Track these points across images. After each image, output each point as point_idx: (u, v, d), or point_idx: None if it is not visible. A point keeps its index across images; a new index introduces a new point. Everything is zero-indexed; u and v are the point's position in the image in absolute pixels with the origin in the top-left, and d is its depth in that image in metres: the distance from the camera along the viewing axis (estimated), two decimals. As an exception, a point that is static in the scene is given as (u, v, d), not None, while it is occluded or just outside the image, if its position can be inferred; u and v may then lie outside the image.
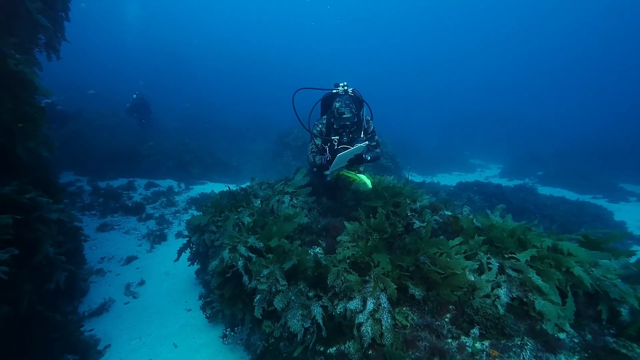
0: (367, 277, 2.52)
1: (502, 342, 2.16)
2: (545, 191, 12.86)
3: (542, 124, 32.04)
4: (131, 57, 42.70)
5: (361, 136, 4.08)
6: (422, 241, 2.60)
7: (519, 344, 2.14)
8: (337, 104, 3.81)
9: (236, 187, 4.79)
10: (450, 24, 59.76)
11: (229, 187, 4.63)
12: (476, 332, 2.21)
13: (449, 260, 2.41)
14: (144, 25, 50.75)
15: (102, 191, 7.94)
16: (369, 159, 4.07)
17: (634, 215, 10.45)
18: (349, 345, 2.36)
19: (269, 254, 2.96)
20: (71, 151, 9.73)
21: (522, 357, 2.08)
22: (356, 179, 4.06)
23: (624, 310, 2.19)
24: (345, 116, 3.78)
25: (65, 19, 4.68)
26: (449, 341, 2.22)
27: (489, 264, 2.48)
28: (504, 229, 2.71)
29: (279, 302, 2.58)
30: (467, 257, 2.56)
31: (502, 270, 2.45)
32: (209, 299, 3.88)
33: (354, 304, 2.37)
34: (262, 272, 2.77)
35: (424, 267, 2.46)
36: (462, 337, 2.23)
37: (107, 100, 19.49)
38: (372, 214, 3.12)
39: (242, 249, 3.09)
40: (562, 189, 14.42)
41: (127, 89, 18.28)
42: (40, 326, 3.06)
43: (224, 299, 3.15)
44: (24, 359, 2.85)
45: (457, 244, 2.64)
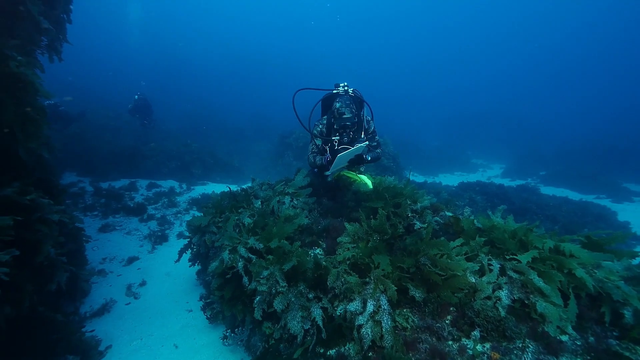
0: (367, 279, 2.50)
1: (503, 345, 2.14)
2: (548, 191, 12.78)
3: (545, 124, 31.81)
4: (133, 58, 42.97)
5: (362, 136, 4.07)
6: (422, 242, 2.59)
7: (520, 346, 2.12)
8: (338, 104, 3.81)
9: (237, 188, 4.78)
10: (452, 23, 59.65)
11: (229, 188, 4.62)
12: (477, 334, 2.19)
13: (449, 261, 2.40)
14: (146, 26, 51.03)
15: (104, 192, 7.97)
16: (370, 159, 4.05)
17: (638, 215, 10.36)
18: (349, 347, 2.34)
19: (269, 255, 2.95)
20: (74, 152, 9.79)
21: (523, 360, 2.07)
22: (357, 179, 4.06)
23: (627, 312, 2.16)
24: (345, 116, 3.78)
25: (67, 20, 4.70)
26: (450, 343, 2.20)
27: (490, 265, 2.46)
28: (506, 230, 2.69)
29: (278, 304, 2.58)
30: (468, 259, 2.55)
31: (503, 271, 2.43)
32: (210, 300, 3.88)
33: (354, 306, 2.36)
34: (262, 273, 2.77)
35: (424, 269, 2.44)
36: (463, 340, 2.21)
37: (110, 101, 19.61)
38: (372, 215, 3.11)
39: (242, 250, 3.09)
40: (565, 189, 14.31)
41: (129, 90, 18.36)
42: (41, 327, 3.07)
43: (224, 300, 3.14)
44: (25, 359, 2.86)
45: (458, 245, 2.62)
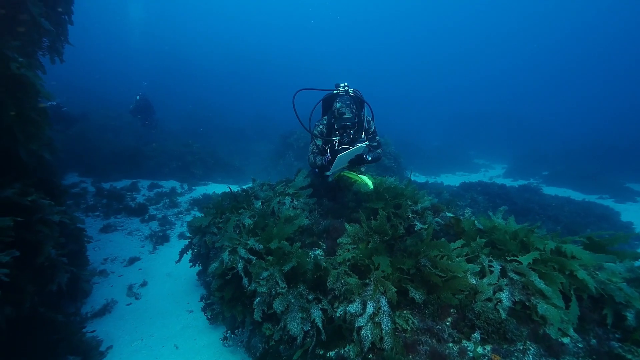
0: (367, 280, 2.49)
1: (504, 347, 2.13)
2: (550, 191, 12.70)
3: (548, 123, 31.68)
4: (134, 59, 43.13)
5: (362, 137, 4.06)
6: (423, 243, 2.57)
7: (521, 348, 2.11)
8: (338, 105, 3.80)
9: (238, 188, 4.79)
10: (453, 22, 59.48)
11: (230, 188, 4.62)
12: (477, 336, 2.18)
13: (450, 263, 2.39)
14: (147, 26, 51.25)
15: (106, 192, 7.99)
16: (370, 159, 4.04)
17: (642, 215, 10.27)
18: (349, 349, 2.33)
19: (269, 256, 2.95)
20: (76, 152, 9.83)
21: (524, 362, 2.05)
22: (357, 179, 4.05)
23: (630, 314, 2.14)
24: (345, 117, 3.77)
25: (68, 22, 4.72)
26: (450, 345, 2.19)
27: (491, 266, 2.44)
28: (507, 231, 2.67)
29: (278, 305, 2.57)
30: (468, 260, 2.53)
31: (504, 273, 2.42)
32: (210, 301, 3.88)
33: (353, 307, 2.35)
34: (261, 274, 2.76)
35: (424, 270, 2.43)
36: (463, 342, 2.20)
37: (111, 101, 19.69)
38: (373, 216, 3.10)
39: (242, 251, 3.08)
40: (568, 189, 14.23)
41: (130, 90, 18.42)
42: (42, 327, 3.08)
43: (224, 301, 3.14)
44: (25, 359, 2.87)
45: (458, 247, 2.61)
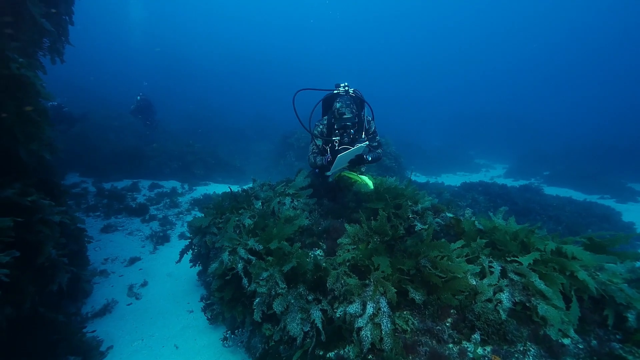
0: (367, 281, 2.49)
1: (504, 348, 2.12)
2: (551, 191, 12.67)
3: (549, 123, 31.66)
4: (135, 59, 43.19)
5: (362, 137, 4.06)
6: (423, 244, 2.57)
7: (521, 349, 2.10)
8: (338, 105, 3.80)
9: (239, 188, 4.79)
10: (454, 21, 59.39)
11: (230, 189, 4.62)
12: (477, 337, 2.17)
13: (450, 263, 2.38)
14: (148, 26, 51.31)
15: (107, 192, 8.01)
16: (370, 159, 4.04)
17: (643, 215, 10.23)
18: (349, 349, 2.33)
19: (269, 257, 2.94)
20: (77, 153, 9.85)
21: (524, 363, 2.04)
22: (358, 180, 4.04)
23: (631, 315, 2.13)
24: (345, 117, 3.77)
25: (69, 22, 4.72)
26: (450, 346, 2.18)
27: (491, 267, 2.44)
28: (507, 232, 2.66)
29: (278, 306, 2.57)
30: (468, 261, 2.53)
31: (504, 274, 2.41)
32: (210, 301, 3.88)
33: (353, 308, 2.34)
34: (261, 274, 2.76)
35: (424, 271, 2.42)
36: (463, 342, 2.19)
37: (112, 101, 19.72)
38: (373, 216, 3.09)
39: (242, 252, 3.08)
40: (569, 189, 14.19)
41: (131, 91, 18.44)
42: (42, 327, 3.08)
43: (224, 302, 3.14)
44: (26, 360, 2.88)
45: (458, 247, 2.61)
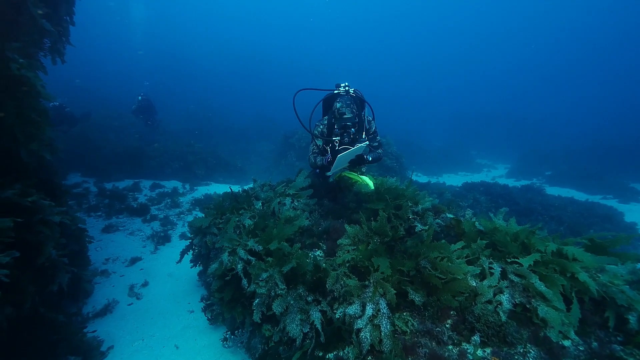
0: (366, 282, 2.48)
1: (504, 350, 2.11)
2: (553, 191, 12.62)
3: (551, 123, 31.52)
4: (136, 59, 43.28)
5: (363, 137, 4.05)
6: (423, 245, 2.56)
7: (521, 351, 2.09)
8: (338, 105, 3.79)
9: (240, 188, 4.79)
10: (456, 21, 59.13)
11: (231, 189, 4.62)
12: (477, 339, 2.16)
13: (450, 264, 2.37)
14: (149, 26, 51.41)
15: (108, 192, 8.02)
16: (371, 159, 4.03)
17: (646, 216, 10.17)
18: (348, 351, 2.32)
19: (269, 257, 2.94)
20: (79, 153, 9.88)
21: (524, 366, 2.03)
22: (358, 180, 4.03)
23: (632, 317, 2.12)
24: (345, 117, 3.76)
25: (70, 22, 4.73)
26: (450, 348, 2.17)
27: (491, 268, 2.42)
28: (507, 233, 2.65)
29: (277, 307, 2.56)
30: (469, 262, 2.51)
31: (504, 275, 2.40)
32: (210, 302, 3.88)
33: (352, 309, 2.34)
34: (261, 275, 2.75)
35: (424, 272, 2.41)
36: (463, 344, 2.18)
37: (113, 101, 19.77)
38: (373, 217, 3.08)
39: (242, 252, 3.08)
40: (571, 189, 14.13)
41: (132, 91, 18.49)
42: (42, 327, 3.09)
43: (223, 302, 3.14)
44: (26, 360, 2.88)
45: (459, 248, 2.59)
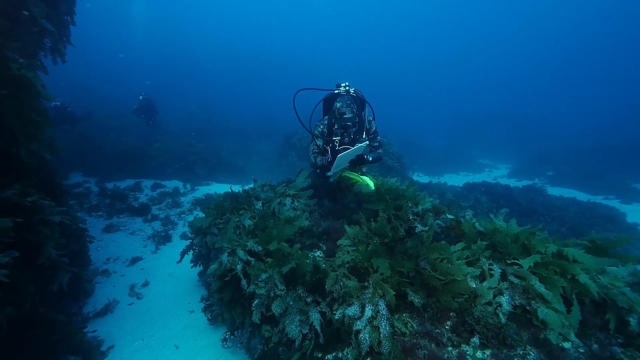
0: (366, 283, 2.48)
1: (503, 352, 2.10)
2: (555, 192, 12.57)
3: (553, 123, 31.44)
4: (137, 59, 43.34)
5: (363, 137, 4.04)
6: (423, 246, 2.55)
7: (521, 353, 2.08)
8: (338, 104, 3.78)
9: (241, 188, 4.79)
10: (456, 21, 59.03)
11: (231, 189, 4.62)
12: (477, 340, 2.15)
13: (450, 266, 2.36)
14: (150, 26, 51.50)
15: (109, 192, 8.04)
16: (371, 159, 4.02)
17: (648, 216, 10.12)
18: (347, 352, 2.32)
19: (268, 258, 2.94)
20: (80, 152, 9.91)
21: (524, 368, 2.02)
22: (359, 180, 4.02)
23: (633, 319, 2.11)
24: (346, 116, 3.75)
25: (70, 22, 4.73)
26: (449, 349, 2.16)
27: (491, 270, 2.41)
28: (508, 234, 2.64)
29: (277, 307, 2.56)
30: (469, 263, 2.50)
31: (504, 276, 2.39)
32: (210, 302, 3.88)
33: (352, 310, 2.33)
34: (260, 276, 2.75)
35: (424, 273, 2.41)
36: (462, 346, 2.17)
37: (114, 101, 19.82)
38: (373, 217, 3.07)
39: (241, 253, 3.08)
40: (573, 189, 14.07)
41: (133, 91, 18.53)
42: (42, 327, 3.10)
43: (223, 303, 3.14)
44: (26, 360, 2.89)
45: (459, 249, 2.58)
